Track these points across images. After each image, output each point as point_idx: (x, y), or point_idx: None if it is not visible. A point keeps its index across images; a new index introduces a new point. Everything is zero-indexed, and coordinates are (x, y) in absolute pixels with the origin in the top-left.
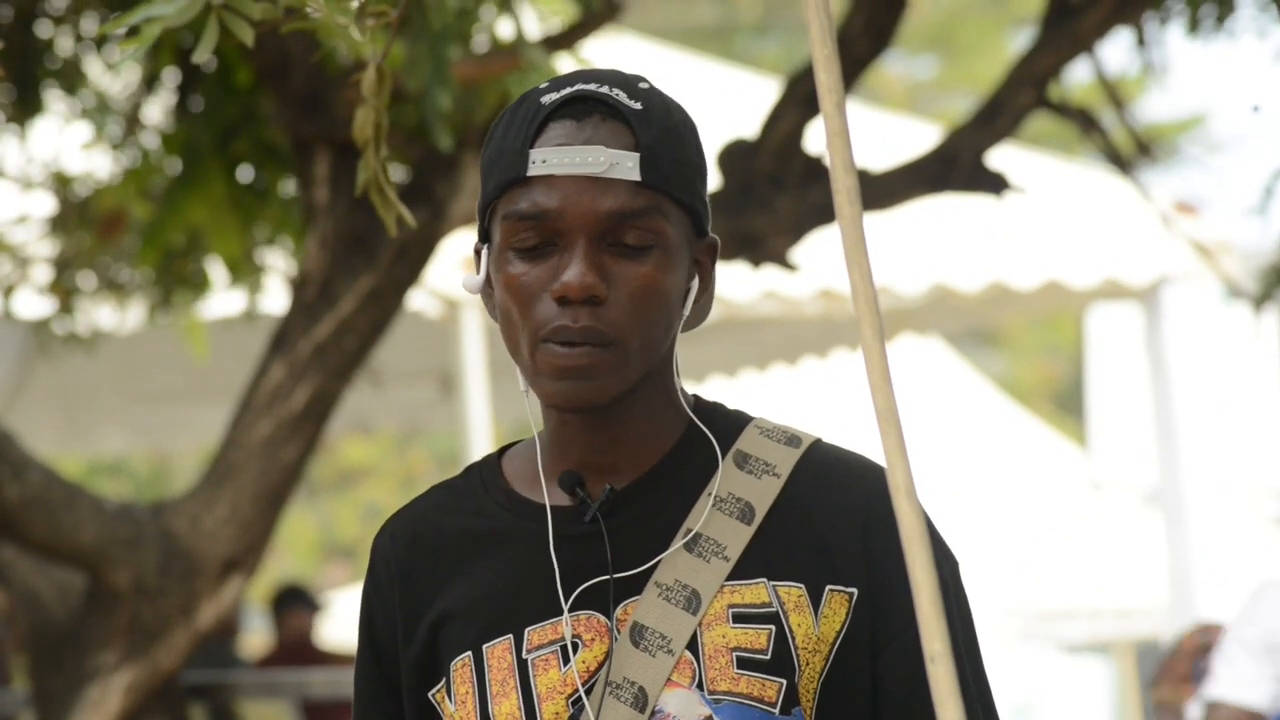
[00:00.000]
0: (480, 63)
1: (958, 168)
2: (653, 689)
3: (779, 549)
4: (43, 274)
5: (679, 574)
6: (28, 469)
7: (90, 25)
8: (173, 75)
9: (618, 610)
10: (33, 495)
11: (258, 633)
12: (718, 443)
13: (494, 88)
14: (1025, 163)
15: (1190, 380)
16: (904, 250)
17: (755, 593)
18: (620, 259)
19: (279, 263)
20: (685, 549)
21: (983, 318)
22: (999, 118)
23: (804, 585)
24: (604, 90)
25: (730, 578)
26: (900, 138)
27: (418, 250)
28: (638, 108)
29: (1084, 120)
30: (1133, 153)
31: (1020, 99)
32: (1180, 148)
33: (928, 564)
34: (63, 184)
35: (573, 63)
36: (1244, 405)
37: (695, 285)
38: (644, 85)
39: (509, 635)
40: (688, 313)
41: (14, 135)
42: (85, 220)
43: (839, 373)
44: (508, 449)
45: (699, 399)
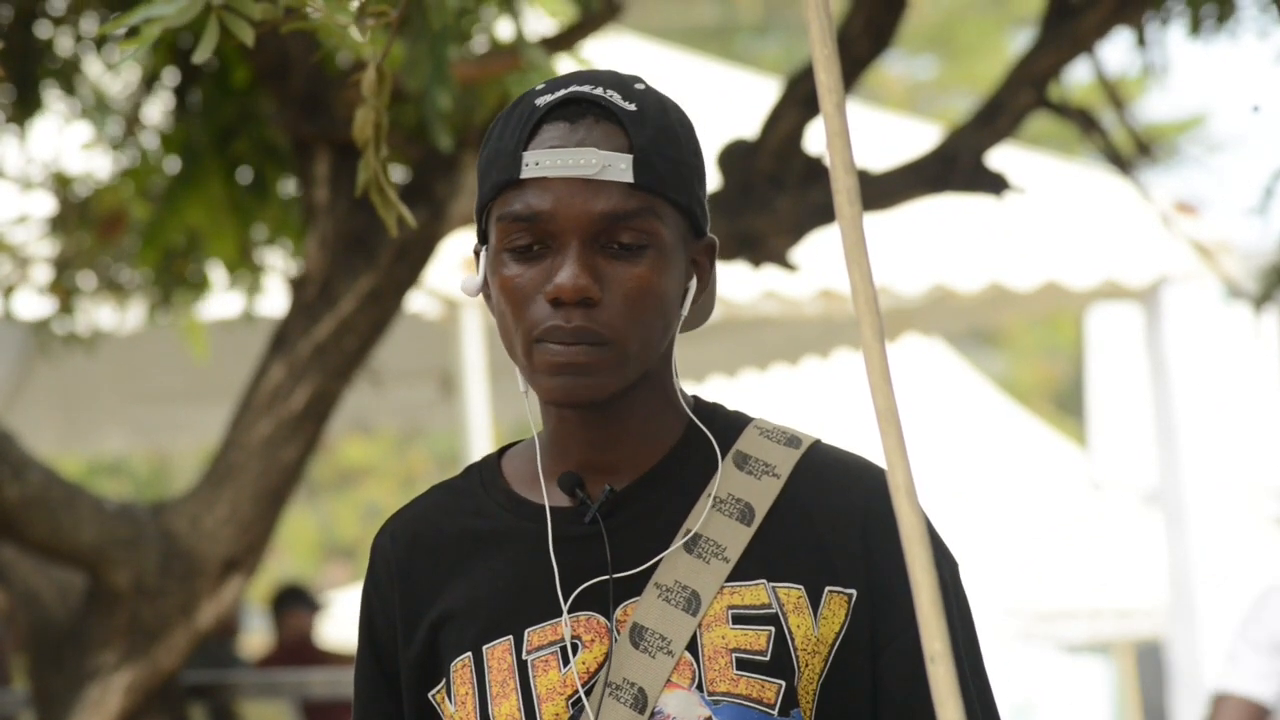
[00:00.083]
0: (480, 63)
1: (958, 168)
2: (652, 690)
3: (778, 550)
4: (43, 274)
5: (679, 575)
6: (28, 469)
7: (90, 25)
8: (172, 75)
9: (617, 611)
10: (33, 495)
11: (258, 633)
12: (718, 443)
13: (494, 88)
14: (1025, 163)
15: (1190, 380)
16: (904, 250)
17: (755, 594)
18: (614, 260)
19: (278, 263)
20: (685, 550)
21: (982, 318)
22: (999, 118)
23: (803, 586)
24: (598, 92)
25: (730, 579)
26: (900, 138)
27: (418, 250)
28: (632, 109)
29: (1084, 120)
30: (1133, 153)
31: (1020, 99)
32: (1180, 148)
33: (928, 564)
34: (62, 184)
35: (573, 63)
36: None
37: (693, 285)
38: (640, 86)
39: (509, 636)
40: (686, 313)
41: (14, 135)
42: (85, 220)
43: (840, 373)
44: (508, 449)
45: (699, 399)
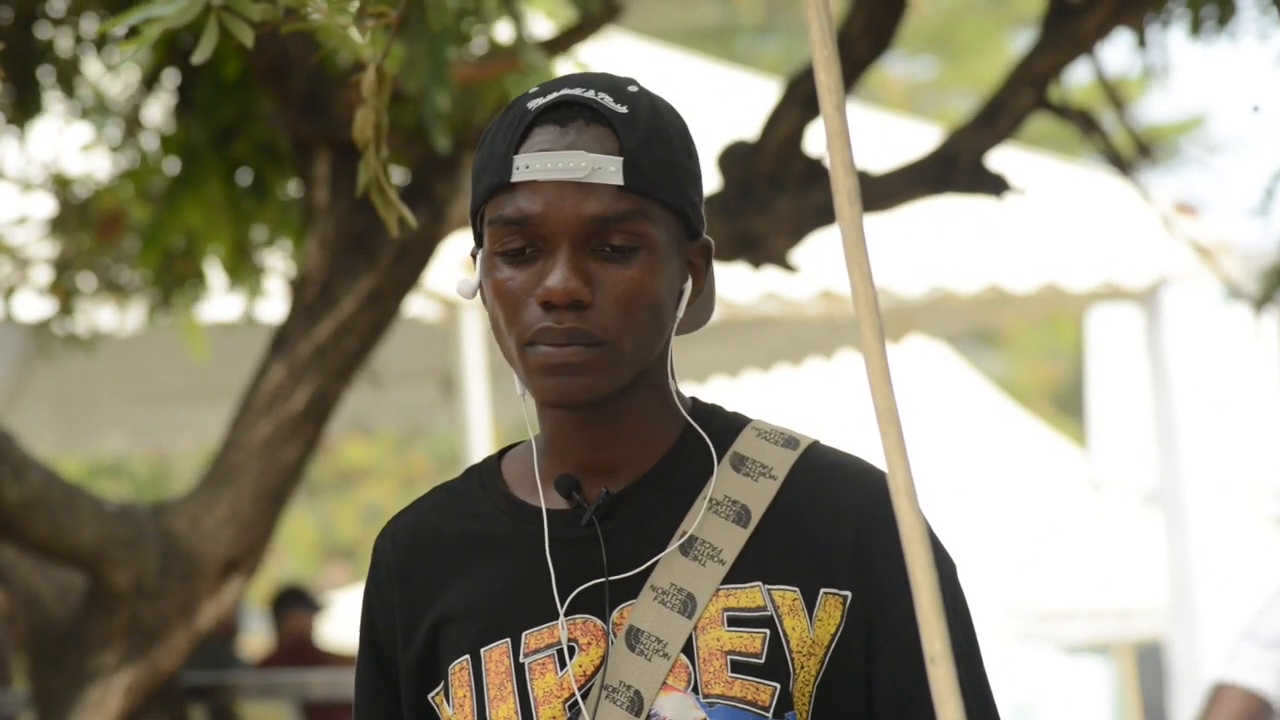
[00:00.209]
0: (479, 64)
1: (958, 169)
2: (648, 693)
3: (774, 552)
4: (42, 275)
5: (674, 577)
6: (28, 470)
7: (90, 26)
8: (172, 76)
9: (614, 614)
10: (33, 496)
11: (257, 634)
12: (715, 445)
13: (493, 89)
14: (1025, 164)
15: (1190, 381)
16: (904, 251)
17: (750, 596)
18: (606, 263)
19: (278, 264)
20: (681, 552)
21: (983, 319)
22: (999, 119)
23: (799, 589)
24: (589, 95)
25: (725, 581)
26: (900, 139)
27: (418, 251)
28: (623, 111)
29: (1084, 121)
30: (1133, 154)
31: (1020, 100)
32: (1180, 149)
33: (928, 564)
34: (62, 185)
35: (572, 65)
36: (1244, 406)
37: (688, 287)
38: (633, 89)
39: (506, 639)
40: (681, 314)
41: (14, 136)
42: (85, 221)
43: (844, 374)
44: (508, 451)
45: (697, 401)
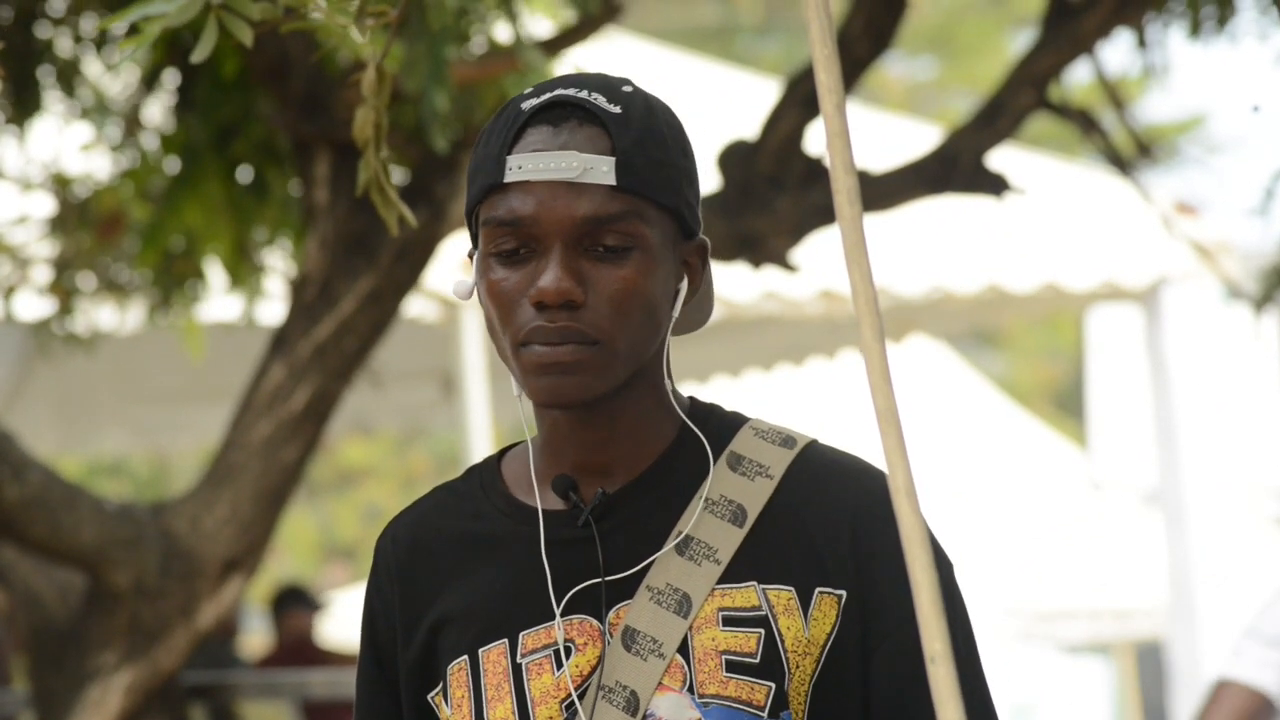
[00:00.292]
0: (479, 64)
1: (958, 169)
2: (644, 693)
3: (770, 551)
4: (42, 275)
5: (670, 577)
6: (28, 469)
7: (90, 26)
8: (172, 76)
9: (610, 614)
10: (33, 496)
11: (257, 633)
12: (712, 444)
13: (492, 89)
14: (1025, 164)
15: (1190, 381)
16: (904, 251)
17: (745, 596)
18: (599, 263)
19: (278, 264)
20: (677, 552)
21: (983, 319)
22: (999, 119)
23: (794, 588)
24: (582, 95)
25: (721, 581)
26: (900, 139)
27: (418, 251)
28: (616, 111)
29: (1084, 121)
30: (1133, 154)
31: (1021, 100)
32: (1180, 149)
33: (928, 565)
34: (62, 185)
35: (571, 65)
36: (1244, 406)
37: (684, 287)
38: (628, 89)
39: (504, 639)
40: (677, 314)
41: (13, 136)
42: (85, 221)
43: (846, 373)
44: (508, 451)
45: (695, 400)
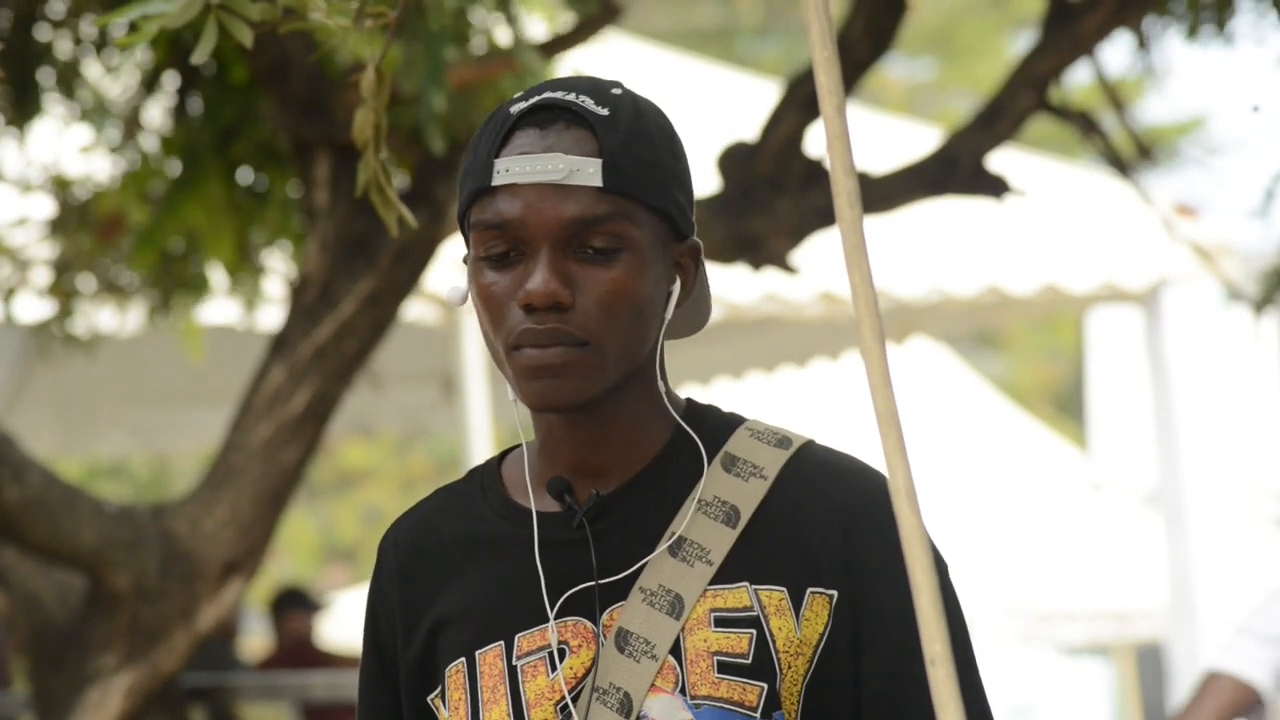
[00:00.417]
0: (478, 66)
1: (958, 170)
2: (637, 694)
3: (762, 552)
4: (42, 277)
5: (663, 579)
6: (28, 471)
7: (89, 29)
8: (172, 77)
9: (604, 616)
10: (33, 497)
11: (257, 635)
12: (708, 445)
13: (491, 91)
14: (1025, 165)
15: (1190, 383)
16: (904, 253)
17: (737, 597)
18: (587, 264)
19: (279, 265)
20: (669, 553)
21: (983, 320)
22: (999, 120)
23: (785, 588)
24: (569, 98)
25: (713, 582)
26: (900, 140)
27: (418, 253)
28: (603, 113)
29: (1084, 123)
30: (1133, 155)
31: (1021, 101)
32: (1180, 150)
33: (928, 566)
34: (62, 187)
35: (570, 67)
36: (1244, 407)
37: (677, 288)
38: (617, 91)
39: (500, 641)
40: (670, 316)
41: (13, 138)
42: (85, 223)
43: (848, 375)
44: (509, 453)
45: (692, 402)
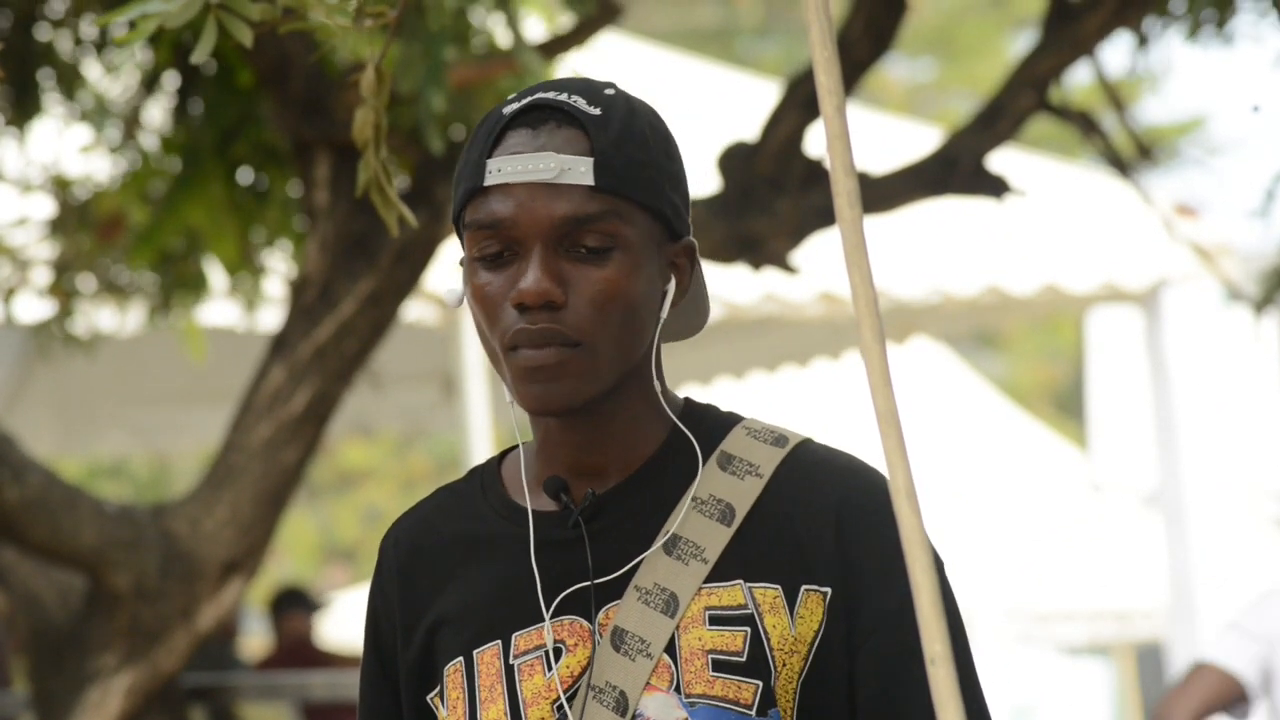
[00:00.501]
0: (477, 66)
1: (958, 170)
2: (633, 693)
3: (757, 550)
4: (42, 276)
5: (658, 577)
6: (28, 471)
7: (89, 28)
8: (172, 77)
9: (600, 615)
10: (33, 497)
11: (257, 635)
12: (704, 444)
13: (490, 91)
14: (1026, 165)
15: (1190, 383)
16: (904, 253)
17: (731, 595)
18: (580, 264)
19: (279, 265)
20: (664, 552)
21: (983, 321)
22: (999, 120)
23: (780, 586)
24: (561, 98)
25: (708, 580)
26: (900, 140)
27: (418, 253)
28: (595, 113)
29: (1084, 123)
30: (1133, 155)
31: (1021, 102)
32: (1180, 150)
33: (928, 566)
34: (62, 187)
35: (570, 68)
36: (1244, 407)
37: (671, 288)
38: (610, 91)
39: (497, 640)
40: (665, 315)
41: (13, 138)
42: (85, 223)
43: (850, 374)
44: (509, 453)
45: (690, 401)
